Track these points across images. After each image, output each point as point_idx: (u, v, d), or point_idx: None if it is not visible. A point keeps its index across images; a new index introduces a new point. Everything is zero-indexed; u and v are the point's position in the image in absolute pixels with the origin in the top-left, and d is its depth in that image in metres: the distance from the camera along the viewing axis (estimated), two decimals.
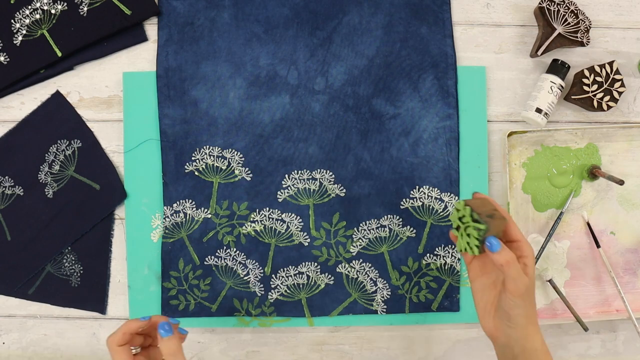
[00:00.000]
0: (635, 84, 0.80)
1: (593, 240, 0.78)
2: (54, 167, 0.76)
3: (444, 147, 0.77)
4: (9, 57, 0.76)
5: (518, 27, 0.80)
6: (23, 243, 0.76)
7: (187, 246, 0.76)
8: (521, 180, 0.78)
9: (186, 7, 0.77)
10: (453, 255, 0.77)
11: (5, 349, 0.76)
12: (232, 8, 0.77)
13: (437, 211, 0.77)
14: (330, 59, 0.77)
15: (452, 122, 0.77)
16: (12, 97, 0.77)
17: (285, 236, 0.76)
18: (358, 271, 0.76)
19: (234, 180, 0.76)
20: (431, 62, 0.77)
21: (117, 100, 0.77)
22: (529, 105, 0.76)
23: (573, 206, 0.78)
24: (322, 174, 0.76)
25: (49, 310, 0.77)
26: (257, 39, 0.77)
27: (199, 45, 0.76)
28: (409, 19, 0.78)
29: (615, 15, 0.80)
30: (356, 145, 0.76)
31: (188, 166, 0.76)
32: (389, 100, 0.77)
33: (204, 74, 0.76)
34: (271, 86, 0.76)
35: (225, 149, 0.76)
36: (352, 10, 0.77)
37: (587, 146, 0.78)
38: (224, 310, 0.76)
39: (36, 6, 0.76)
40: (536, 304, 0.77)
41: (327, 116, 0.76)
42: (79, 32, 0.76)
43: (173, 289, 0.75)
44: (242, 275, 0.76)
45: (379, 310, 0.76)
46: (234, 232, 0.76)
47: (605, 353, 0.79)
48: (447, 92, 0.77)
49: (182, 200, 0.76)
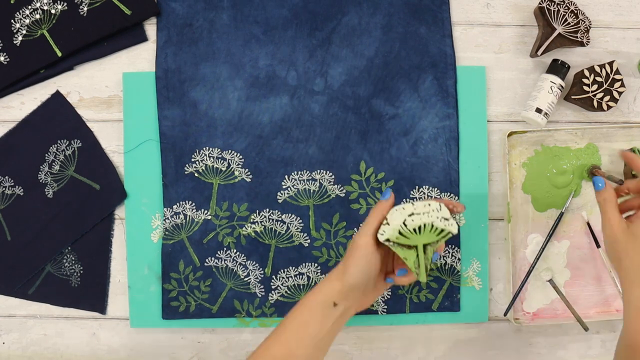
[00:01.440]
0: (635, 84, 0.80)
1: (593, 240, 0.78)
2: (54, 167, 0.76)
3: (444, 147, 0.77)
4: (9, 57, 0.76)
5: (518, 27, 0.79)
6: (23, 243, 0.76)
7: (187, 248, 0.76)
8: (521, 180, 0.78)
9: (185, 9, 0.77)
10: (453, 255, 0.77)
11: (5, 349, 0.76)
12: (231, 9, 0.77)
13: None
14: (329, 59, 0.77)
15: (451, 122, 0.77)
16: (12, 97, 0.77)
17: (286, 237, 0.76)
18: None
19: (233, 182, 0.76)
20: (430, 62, 0.77)
21: (117, 100, 0.77)
22: (529, 105, 0.76)
23: (573, 206, 0.78)
24: (322, 175, 0.76)
25: (49, 310, 0.77)
26: (256, 40, 0.77)
27: (198, 46, 0.76)
28: (408, 19, 0.77)
29: (615, 15, 0.80)
30: (356, 145, 0.76)
31: (188, 167, 0.76)
32: (388, 101, 0.77)
33: (203, 75, 0.76)
34: (270, 87, 0.76)
35: (225, 150, 0.76)
36: (351, 11, 0.77)
37: (587, 146, 0.78)
38: (225, 311, 0.76)
39: (36, 6, 0.76)
40: (536, 303, 0.77)
41: (326, 117, 0.76)
42: (79, 32, 0.76)
43: (173, 290, 0.75)
44: (242, 276, 0.76)
45: (379, 311, 0.76)
46: (234, 233, 0.76)
47: (605, 353, 0.79)
48: (446, 92, 0.77)
49: (182, 202, 0.76)
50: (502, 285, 0.78)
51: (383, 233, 0.60)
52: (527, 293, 0.78)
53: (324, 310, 0.60)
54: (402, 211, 0.61)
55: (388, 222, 0.60)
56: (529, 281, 0.77)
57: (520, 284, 0.76)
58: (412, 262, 0.60)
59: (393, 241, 0.60)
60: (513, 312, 0.77)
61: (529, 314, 0.78)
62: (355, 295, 0.61)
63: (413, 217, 0.60)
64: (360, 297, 0.62)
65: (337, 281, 0.61)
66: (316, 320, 0.60)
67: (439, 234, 0.61)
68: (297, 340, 0.60)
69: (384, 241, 0.60)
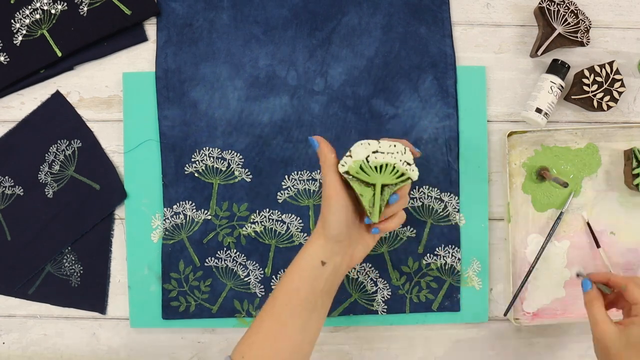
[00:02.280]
0: (635, 84, 0.80)
1: (593, 240, 0.78)
2: (54, 167, 0.76)
3: (444, 147, 0.77)
4: (9, 57, 0.76)
5: (518, 27, 0.79)
6: (23, 243, 0.76)
7: (187, 248, 0.76)
8: (521, 180, 0.78)
9: (185, 9, 0.77)
10: (453, 256, 0.77)
11: (5, 349, 0.76)
12: (231, 9, 0.77)
13: (437, 211, 0.77)
14: (329, 59, 0.77)
15: (451, 122, 0.77)
16: (12, 97, 0.77)
17: (286, 237, 0.76)
18: (358, 271, 0.76)
19: (233, 182, 0.76)
20: (430, 62, 0.77)
21: (117, 100, 0.77)
22: (529, 105, 0.76)
23: (573, 206, 0.78)
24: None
25: (49, 310, 0.77)
26: (256, 40, 0.77)
27: (198, 46, 0.76)
28: (408, 19, 0.77)
29: (615, 15, 0.80)
30: None
31: (188, 167, 0.76)
32: (388, 101, 0.77)
33: (203, 75, 0.76)
34: (270, 87, 0.76)
35: (225, 150, 0.76)
36: (351, 11, 0.77)
37: (587, 146, 0.78)
38: (225, 311, 0.76)
39: (36, 6, 0.76)
40: (536, 303, 0.77)
41: (326, 117, 0.76)
42: (79, 32, 0.75)
43: (173, 290, 0.75)
44: (242, 276, 0.76)
45: (379, 311, 0.76)
46: (234, 233, 0.76)
47: None
48: (446, 92, 0.77)
49: (182, 202, 0.76)
50: (502, 285, 0.78)
51: (344, 164, 0.59)
52: (527, 293, 0.78)
53: (313, 271, 0.59)
54: (367, 146, 0.59)
55: (351, 155, 0.59)
56: (529, 281, 0.77)
57: (520, 284, 0.76)
58: (368, 200, 0.59)
59: (353, 175, 0.59)
60: (513, 312, 0.77)
61: (529, 314, 0.78)
62: (342, 247, 0.60)
63: (377, 154, 0.59)
64: (347, 250, 0.61)
65: (320, 238, 0.60)
66: (307, 284, 0.59)
67: (398, 177, 0.59)
68: (290, 310, 0.58)
69: (343, 173, 0.59)
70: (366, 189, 0.59)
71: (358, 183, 0.59)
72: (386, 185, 0.59)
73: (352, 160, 0.59)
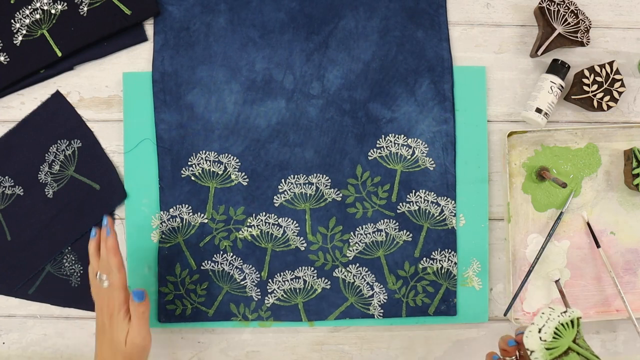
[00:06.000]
0: (635, 84, 0.79)
1: (593, 240, 0.78)
2: (54, 167, 0.76)
3: (441, 151, 0.77)
4: (9, 57, 0.76)
5: (518, 27, 0.79)
6: (23, 243, 0.76)
7: (183, 251, 0.76)
8: (521, 180, 0.78)
9: (182, 12, 0.77)
10: (449, 260, 0.76)
11: (5, 349, 0.77)
12: (227, 13, 0.77)
13: (434, 215, 0.76)
14: (326, 63, 0.77)
15: (448, 127, 0.77)
16: (12, 97, 0.77)
17: (282, 241, 0.76)
18: (354, 275, 0.76)
19: (230, 185, 0.76)
20: (427, 66, 0.77)
21: (117, 100, 0.77)
22: (529, 105, 0.76)
23: (573, 206, 0.78)
24: (319, 179, 0.76)
25: (49, 310, 0.77)
26: (253, 43, 0.77)
27: (194, 50, 0.76)
28: (404, 23, 0.77)
29: (615, 15, 0.80)
30: (352, 149, 0.76)
31: (184, 171, 0.76)
32: (385, 105, 0.77)
33: (199, 78, 0.76)
34: (267, 91, 0.76)
35: (222, 153, 0.76)
36: (348, 15, 0.77)
37: (587, 146, 0.78)
38: (221, 314, 0.76)
39: (36, 6, 0.76)
40: (536, 303, 0.77)
41: (323, 120, 0.76)
42: (79, 32, 0.76)
43: (170, 293, 0.75)
44: (238, 279, 0.76)
45: (375, 315, 0.76)
46: (230, 236, 0.76)
47: (605, 353, 0.79)
48: (443, 96, 0.77)
49: (179, 205, 0.76)
50: (502, 285, 0.78)
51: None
52: (527, 293, 0.78)
53: None
54: (531, 334, 0.57)
55: (532, 351, 0.56)
56: (529, 281, 0.77)
57: (520, 284, 0.76)
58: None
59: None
60: (513, 312, 0.77)
61: (529, 314, 0.78)
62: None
63: (544, 329, 0.57)
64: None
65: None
66: None
67: (574, 326, 0.57)
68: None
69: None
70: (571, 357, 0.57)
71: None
72: (574, 339, 0.57)
73: (540, 354, 0.56)
